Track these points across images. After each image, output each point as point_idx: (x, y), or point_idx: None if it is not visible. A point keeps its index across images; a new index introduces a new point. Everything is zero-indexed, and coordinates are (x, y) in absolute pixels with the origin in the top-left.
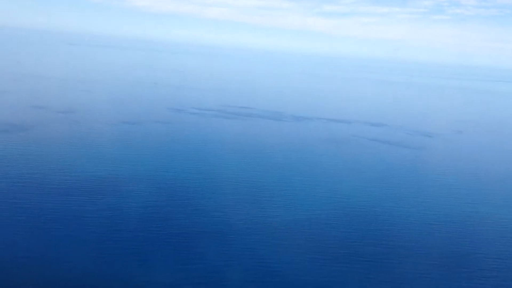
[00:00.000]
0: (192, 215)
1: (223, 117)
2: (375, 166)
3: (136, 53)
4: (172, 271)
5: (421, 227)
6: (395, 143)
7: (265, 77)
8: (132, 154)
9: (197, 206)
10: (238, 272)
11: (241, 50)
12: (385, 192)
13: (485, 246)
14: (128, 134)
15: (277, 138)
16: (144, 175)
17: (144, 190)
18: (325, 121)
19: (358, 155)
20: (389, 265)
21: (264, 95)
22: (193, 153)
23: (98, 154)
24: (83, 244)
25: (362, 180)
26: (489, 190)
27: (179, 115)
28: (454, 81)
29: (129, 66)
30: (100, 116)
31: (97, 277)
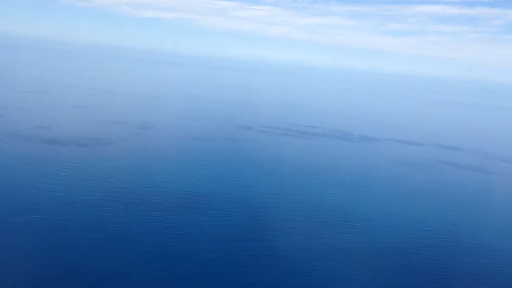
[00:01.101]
0: (273, 236)
1: (291, 135)
2: (454, 192)
3: (203, 70)
4: None
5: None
6: (473, 168)
7: (329, 95)
8: (208, 170)
9: (277, 227)
10: None
11: (305, 68)
12: (469, 221)
13: None
14: (202, 150)
15: (347, 158)
16: (221, 192)
17: (224, 208)
18: (395, 142)
19: (435, 180)
20: None
21: (329, 113)
22: (266, 171)
23: (176, 170)
24: (168, 261)
25: (441, 207)
26: None
27: (248, 133)
28: None
29: (196, 83)
30: (174, 131)
31: None
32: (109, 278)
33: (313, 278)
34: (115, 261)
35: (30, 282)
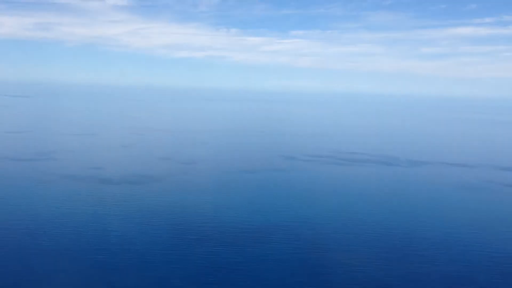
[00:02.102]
0: (338, 268)
1: (337, 163)
2: None
3: (238, 104)
4: None
5: None
6: None
7: (367, 121)
8: (260, 202)
9: (340, 258)
10: None
11: (337, 96)
12: None
13: None
14: (251, 183)
15: (400, 183)
16: (278, 224)
17: (283, 240)
18: (446, 166)
19: (497, 202)
20: None
21: (371, 139)
22: (319, 200)
23: (229, 203)
24: None
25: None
26: None
27: (293, 163)
28: None
29: (233, 117)
30: (220, 165)
31: None
32: None
33: None
34: None
35: None
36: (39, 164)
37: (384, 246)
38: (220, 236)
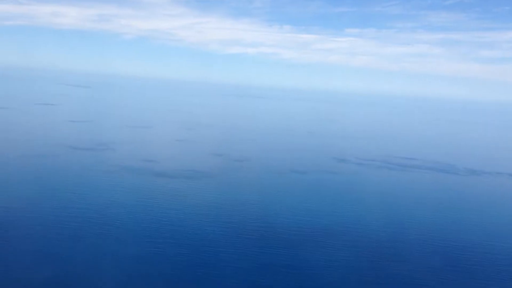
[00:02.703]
0: (397, 281)
1: (391, 168)
2: None
3: (288, 102)
4: None
5: None
6: None
7: (422, 125)
8: (312, 204)
9: (400, 270)
10: None
11: (390, 97)
12: None
13: None
14: (302, 183)
15: (460, 193)
16: (331, 227)
17: (336, 245)
18: (508, 177)
19: None
20: None
21: (426, 144)
22: (373, 205)
23: (281, 203)
24: None
25: None
26: None
27: (344, 165)
28: None
29: (283, 115)
30: (271, 164)
31: None
32: None
33: None
34: None
35: None
36: (99, 154)
37: (443, 258)
38: (272, 237)
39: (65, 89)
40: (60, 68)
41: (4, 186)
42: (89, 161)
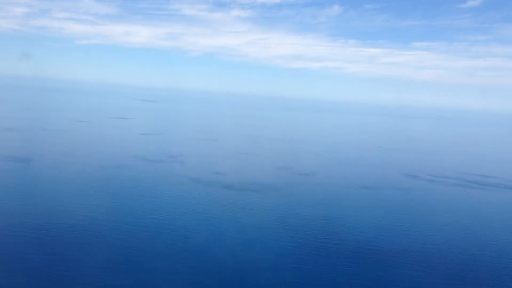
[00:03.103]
0: None
1: (465, 186)
2: None
3: (352, 116)
4: None
5: None
6: None
7: (498, 141)
8: (383, 221)
9: None
10: None
11: (462, 112)
12: None
13: None
14: (372, 199)
15: None
16: (403, 246)
17: (408, 266)
18: None
19: None
20: None
21: (505, 162)
22: (448, 226)
23: (350, 219)
24: None
25: None
26: None
27: (416, 182)
28: None
29: (349, 129)
30: (339, 179)
31: None
32: None
33: None
34: None
35: None
36: (170, 166)
37: None
38: (342, 254)
39: (136, 103)
40: (131, 84)
41: (86, 194)
42: (161, 173)
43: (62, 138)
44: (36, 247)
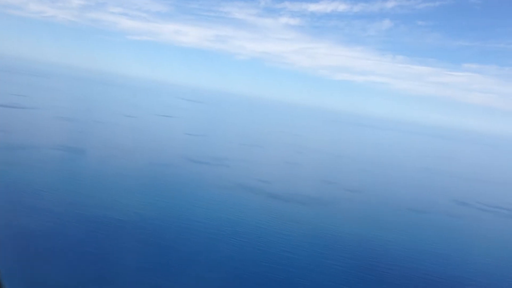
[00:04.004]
0: None
1: None
2: None
3: (397, 134)
4: None
5: None
6: None
7: None
8: (438, 248)
9: None
10: None
11: (509, 140)
12: None
13: None
14: (423, 224)
15: None
16: (461, 276)
17: None
18: None
19: None
20: None
21: None
22: (506, 258)
23: (404, 243)
24: None
25: None
26: None
27: (467, 209)
28: None
29: (395, 147)
30: (386, 199)
31: None
32: None
33: None
34: None
35: None
36: (216, 169)
37: None
38: (394, 280)
39: (181, 102)
40: (177, 82)
41: (136, 191)
42: (208, 176)
43: (113, 131)
44: (89, 238)
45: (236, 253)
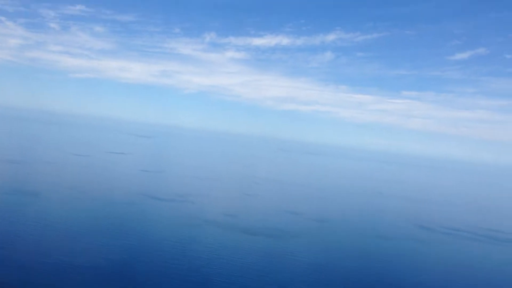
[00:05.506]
0: None
1: (480, 241)
2: None
3: (346, 160)
4: None
5: None
6: None
7: (494, 193)
8: (420, 276)
9: None
10: None
11: (451, 161)
12: None
13: None
14: (398, 252)
15: None
16: None
17: None
18: None
19: None
20: None
21: (505, 216)
22: (475, 283)
23: (375, 271)
24: None
25: None
26: None
27: (431, 234)
28: None
29: (343, 173)
30: (353, 227)
31: None
32: None
33: None
34: None
35: None
36: (181, 206)
37: None
38: None
39: (131, 138)
40: (125, 119)
41: (100, 233)
42: (173, 213)
43: (65, 172)
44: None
45: None
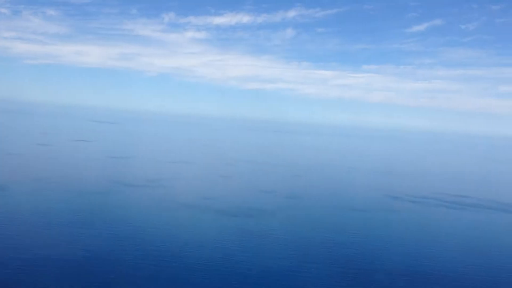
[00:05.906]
0: None
1: (450, 207)
2: None
3: (312, 137)
4: None
5: None
6: None
7: (454, 161)
8: (383, 244)
9: None
10: None
11: (412, 133)
12: None
13: None
14: (369, 222)
15: None
16: (427, 270)
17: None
18: None
19: None
20: None
21: (469, 181)
22: (451, 246)
23: (349, 242)
24: None
25: None
26: None
27: (400, 203)
28: None
29: (312, 150)
30: (326, 201)
31: None
32: None
33: None
34: None
35: None
36: (154, 191)
37: None
38: (364, 278)
39: (94, 125)
40: (84, 105)
41: (75, 224)
42: (148, 199)
43: (31, 162)
44: (36, 284)
45: (203, 276)
